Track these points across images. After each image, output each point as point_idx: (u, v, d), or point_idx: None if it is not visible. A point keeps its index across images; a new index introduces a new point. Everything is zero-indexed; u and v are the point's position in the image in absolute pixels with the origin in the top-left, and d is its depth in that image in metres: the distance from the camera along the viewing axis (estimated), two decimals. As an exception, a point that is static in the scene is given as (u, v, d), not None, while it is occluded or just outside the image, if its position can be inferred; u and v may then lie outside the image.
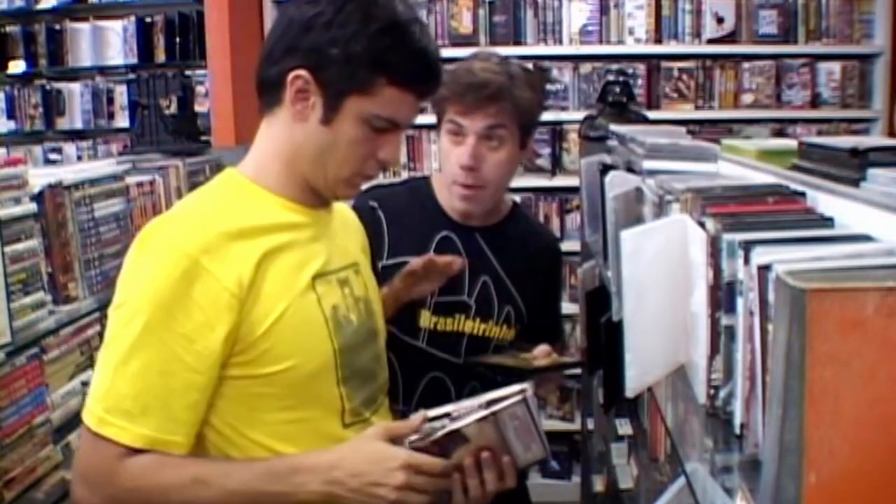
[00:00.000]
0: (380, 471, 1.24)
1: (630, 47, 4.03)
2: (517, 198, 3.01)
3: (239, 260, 1.25)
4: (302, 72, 1.26)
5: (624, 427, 2.79)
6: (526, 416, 1.34)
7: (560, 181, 4.05)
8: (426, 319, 1.83)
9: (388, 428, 1.31)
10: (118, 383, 1.21)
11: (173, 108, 3.16)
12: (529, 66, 1.91)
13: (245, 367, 1.26)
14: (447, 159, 1.82)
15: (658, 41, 4.02)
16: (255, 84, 1.35)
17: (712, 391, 0.99)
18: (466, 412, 1.34)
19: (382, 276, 1.77)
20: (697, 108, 4.02)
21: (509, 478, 1.36)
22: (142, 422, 1.21)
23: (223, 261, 1.23)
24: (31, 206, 1.89)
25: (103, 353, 1.26)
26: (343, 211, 1.52)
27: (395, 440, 1.28)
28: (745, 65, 3.99)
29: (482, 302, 1.84)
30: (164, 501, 1.22)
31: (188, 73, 3.83)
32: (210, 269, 1.22)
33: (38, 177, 1.97)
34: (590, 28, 4.05)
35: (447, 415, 1.34)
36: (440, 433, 1.32)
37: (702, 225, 1.01)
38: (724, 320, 0.95)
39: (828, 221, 0.97)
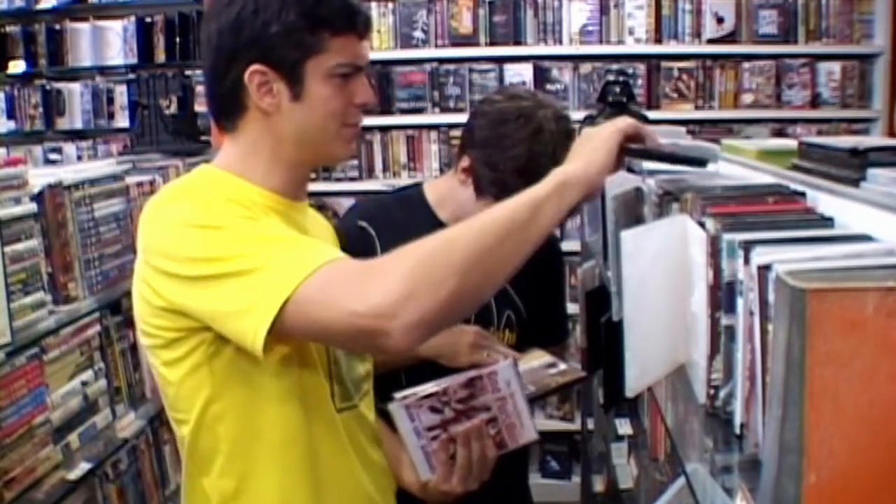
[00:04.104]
0: (601, 128, 1.29)
1: (630, 47, 4.03)
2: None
3: None
4: (255, 66, 1.28)
5: (624, 427, 2.79)
6: (515, 383, 1.41)
7: (560, 181, 4.04)
8: None
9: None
10: (278, 260, 1.16)
11: (173, 108, 3.16)
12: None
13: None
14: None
15: (658, 41, 4.02)
16: (211, 108, 1.37)
17: (712, 391, 0.99)
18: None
19: None
20: (697, 108, 4.02)
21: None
22: (327, 250, 1.21)
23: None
24: (31, 206, 1.89)
25: (231, 280, 1.16)
26: (313, 210, 1.52)
27: None
28: (745, 65, 3.99)
29: (482, 309, 1.82)
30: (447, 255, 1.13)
31: (188, 73, 3.82)
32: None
33: (38, 177, 1.97)
34: (590, 28, 4.05)
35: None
36: (429, 390, 1.38)
37: (702, 225, 1.01)
38: (724, 320, 0.95)
39: (828, 221, 0.97)
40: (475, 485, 1.46)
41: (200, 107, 3.78)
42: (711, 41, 3.98)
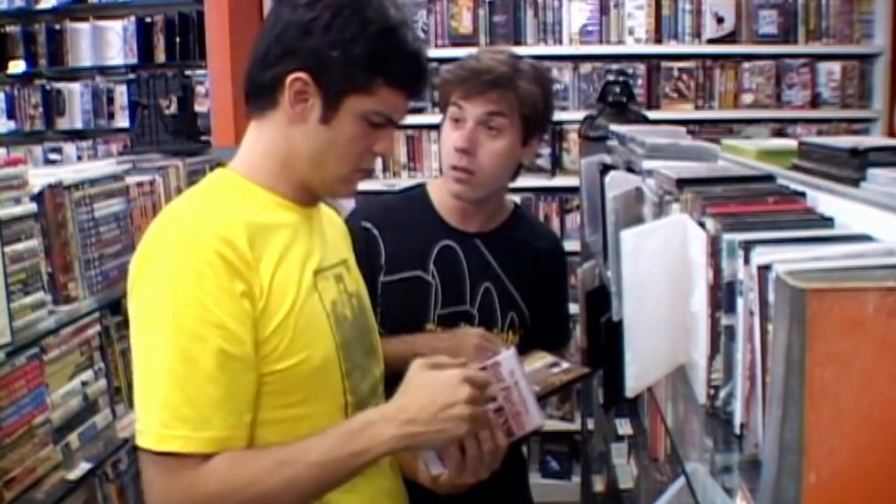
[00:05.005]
0: (445, 392, 1.26)
1: (630, 47, 4.03)
2: (517, 198, 3.01)
3: (252, 252, 1.25)
4: (302, 74, 1.28)
5: (624, 427, 2.79)
6: (519, 371, 1.43)
7: (560, 181, 4.05)
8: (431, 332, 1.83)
9: (426, 361, 1.34)
10: (168, 394, 1.18)
11: (173, 108, 3.16)
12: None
13: (259, 363, 1.25)
14: (446, 144, 1.81)
15: (658, 41, 4.02)
16: (246, 88, 1.36)
17: (712, 391, 0.99)
18: None
19: (383, 292, 1.79)
20: (697, 108, 4.02)
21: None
22: (205, 425, 1.18)
23: (237, 252, 1.23)
24: (31, 206, 1.88)
25: (141, 370, 1.21)
26: (328, 210, 1.53)
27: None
28: (745, 65, 3.99)
29: (485, 310, 1.84)
30: (253, 495, 1.20)
31: (188, 73, 3.82)
32: (228, 258, 1.21)
33: (38, 177, 1.97)
34: (590, 28, 4.05)
35: None
36: None
37: (702, 225, 1.01)
38: (724, 320, 0.95)
39: (828, 221, 0.97)
40: (486, 474, 1.46)
41: (200, 107, 3.79)
42: (711, 41, 3.99)
